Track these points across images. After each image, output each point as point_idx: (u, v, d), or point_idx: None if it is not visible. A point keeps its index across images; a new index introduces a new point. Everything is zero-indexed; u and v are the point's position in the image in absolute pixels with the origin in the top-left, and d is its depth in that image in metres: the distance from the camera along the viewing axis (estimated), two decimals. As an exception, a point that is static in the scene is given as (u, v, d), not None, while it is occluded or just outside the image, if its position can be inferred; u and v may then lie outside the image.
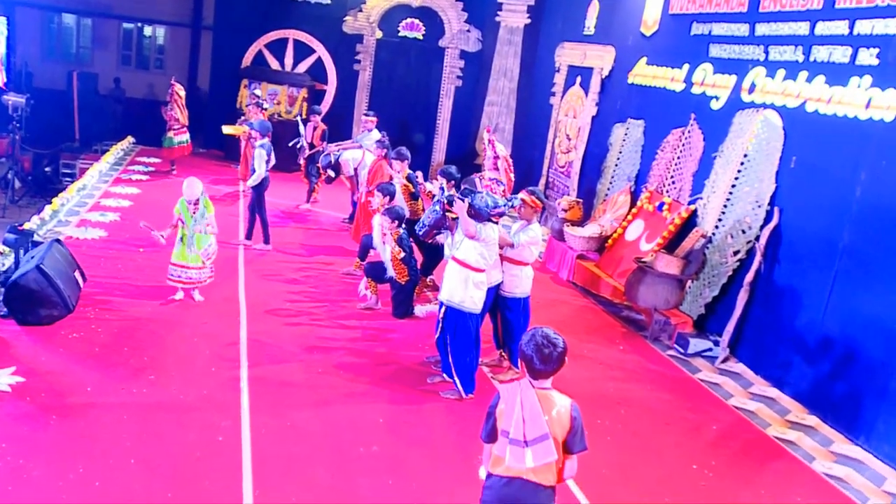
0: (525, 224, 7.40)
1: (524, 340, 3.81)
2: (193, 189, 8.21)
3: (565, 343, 3.81)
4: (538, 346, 3.73)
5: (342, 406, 6.55)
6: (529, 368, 3.80)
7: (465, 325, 6.75)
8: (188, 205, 8.18)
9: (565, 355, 3.79)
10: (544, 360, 3.73)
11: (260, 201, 10.68)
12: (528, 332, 3.87)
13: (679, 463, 6.39)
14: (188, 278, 8.31)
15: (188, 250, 8.22)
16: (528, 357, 3.76)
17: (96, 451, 5.39)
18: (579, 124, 13.92)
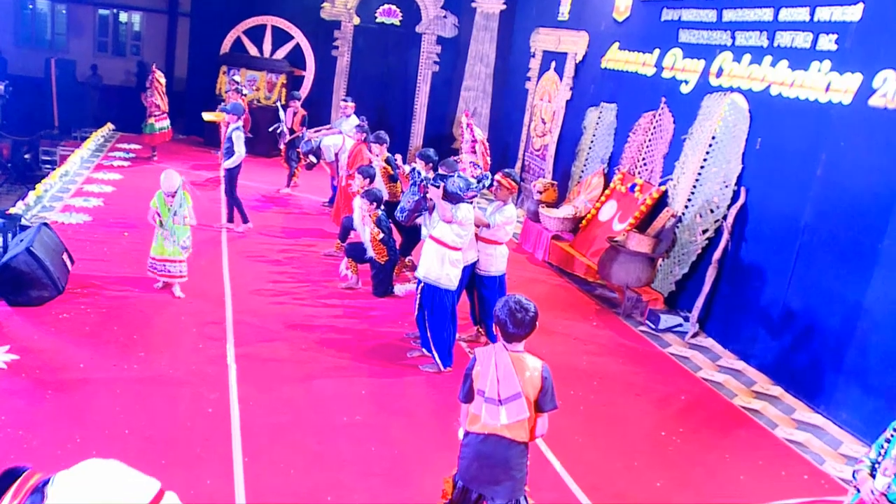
0: (500, 205, 7.68)
1: (498, 306, 4.10)
2: (171, 181, 8.04)
3: (536, 308, 4.10)
4: (511, 311, 4.01)
5: (326, 379, 6.82)
6: (503, 332, 4.08)
7: (441, 302, 7.04)
8: (165, 197, 8.02)
9: (536, 320, 4.07)
10: (517, 324, 4.01)
11: (233, 183, 10.92)
12: (502, 298, 4.15)
13: (648, 430, 6.72)
14: (168, 272, 8.18)
15: (167, 243, 8.10)
16: (501, 321, 4.05)
17: (92, 423, 5.63)
18: (554, 108, 14.20)
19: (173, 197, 8.02)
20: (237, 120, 10.92)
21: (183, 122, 17.23)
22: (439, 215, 6.96)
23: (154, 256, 8.16)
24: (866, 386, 7.07)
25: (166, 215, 8.01)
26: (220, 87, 16.69)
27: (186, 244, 8.18)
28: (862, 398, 7.09)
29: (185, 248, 8.17)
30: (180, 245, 8.11)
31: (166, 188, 7.99)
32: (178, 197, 8.03)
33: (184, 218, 8.08)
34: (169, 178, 8.04)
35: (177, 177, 8.09)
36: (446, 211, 6.85)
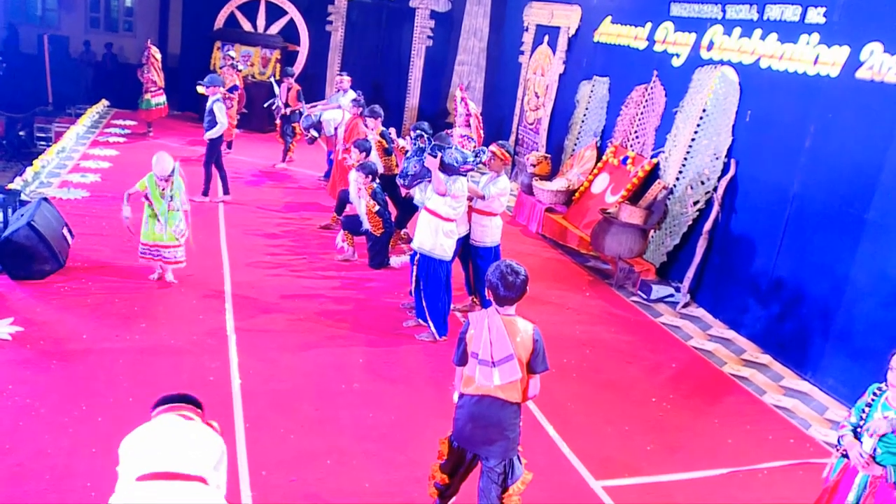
0: (494, 176, 7.80)
1: (490, 270, 4.24)
2: (164, 164, 7.53)
3: (527, 272, 4.23)
4: (503, 275, 4.15)
5: (324, 349, 6.97)
6: (495, 296, 4.22)
7: (436, 272, 7.18)
8: (158, 181, 7.54)
9: (527, 283, 4.21)
10: (508, 287, 4.15)
11: (216, 154, 11.13)
12: (493, 263, 4.29)
13: (639, 397, 6.89)
14: (162, 258, 7.79)
15: (159, 229, 7.67)
16: (493, 285, 4.19)
17: (96, 392, 5.77)
18: (547, 82, 14.28)
19: (167, 181, 7.57)
20: (216, 92, 11.06)
21: (178, 98, 17.22)
22: (434, 187, 7.08)
23: (145, 242, 7.75)
24: (852, 353, 7.25)
25: (159, 202, 7.61)
26: (215, 63, 16.69)
27: (181, 227, 7.77)
28: (848, 365, 7.26)
29: (180, 233, 7.79)
30: (174, 230, 7.73)
31: (159, 172, 7.52)
32: (173, 182, 7.62)
33: (181, 204, 7.72)
34: (161, 162, 7.56)
35: (170, 160, 7.62)
36: (441, 183, 6.97)
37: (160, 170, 7.52)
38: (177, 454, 3.22)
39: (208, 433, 3.44)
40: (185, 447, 3.28)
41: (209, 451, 3.33)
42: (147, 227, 7.72)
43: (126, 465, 3.23)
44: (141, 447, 3.26)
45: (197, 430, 3.42)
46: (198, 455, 3.27)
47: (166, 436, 3.32)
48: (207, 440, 3.39)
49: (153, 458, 3.19)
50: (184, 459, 3.22)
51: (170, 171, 7.54)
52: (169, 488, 3.12)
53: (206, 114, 11.00)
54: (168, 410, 3.50)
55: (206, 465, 3.27)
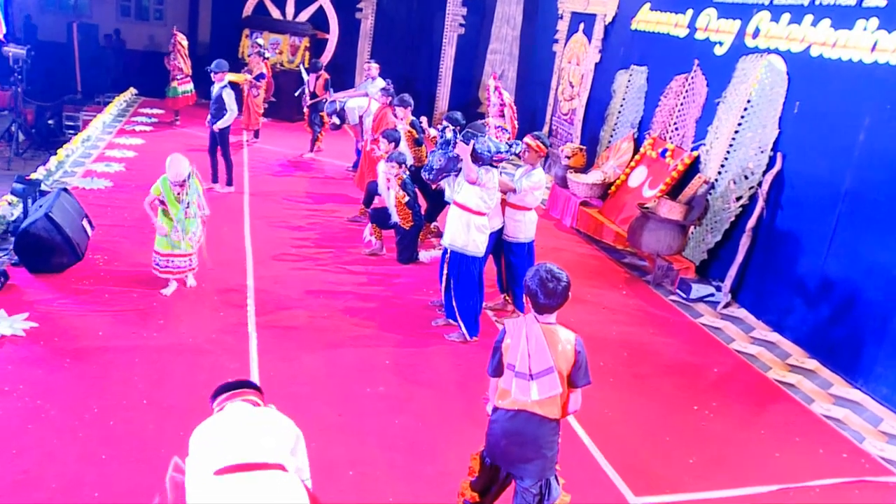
0: (529, 169, 7.42)
1: (528, 275, 3.88)
2: (179, 168, 6.91)
3: (569, 278, 3.88)
4: (542, 281, 3.80)
5: (348, 349, 6.66)
6: (534, 303, 3.87)
7: (468, 269, 6.84)
8: (173, 187, 6.95)
9: (569, 290, 3.86)
10: (549, 295, 3.80)
11: (225, 143, 10.80)
12: (532, 267, 3.93)
13: (680, 404, 6.51)
14: (176, 267, 7.19)
15: (176, 236, 7.07)
16: (532, 292, 3.83)
17: (109, 393, 5.51)
18: (582, 71, 13.86)
19: (182, 187, 6.96)
20: (223, 78, 10.63)
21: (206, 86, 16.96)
22: (464, 175, 6.73)
23: (159, 251, 7.13)
24: (908, 360, 6.82)
25: (176, 207, 6.99)
26: (243, 51, 16.48)
27: (198, 235, 7.22)
28: (904, 373, 6.84)
29: (197, 241, 7.25)
30: (189, 237, 7.13)
31: (173, 177, 6.89)
32: (189, 186, 7.02)
33: (198, 209, 7.15)
34: (175, 165, 6.93)
35: (185, 162, 7.01)
36: (472, 171, 6.61)
37: (174, 174, 6.90)
38: (253, 443, 3.18)
39: (280, 418, 3.40)
40: (260, 435, 3.24)
41: (284, 436, 3.32)
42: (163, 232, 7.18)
43: (199, 459, 3.16)
44: (215, 439, 3.21)
45: (269, 416, 3.39)
46: (274, 442, 3.24)
47: (239, 425, 3.28)
48: (280, 425, 3.36)
49: (230, 450, 3.13)
50: (261, 448, 3.17)
51: (185, 176, 6.94)
52: (249, 479, 3.07)
53: (214, 102, 10.60)
54: (232, 397, 3.48)
55: (283, 452, 3.24)
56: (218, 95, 10.46)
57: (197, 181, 7.12)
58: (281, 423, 3.37)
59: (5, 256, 7.59)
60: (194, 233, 7.16)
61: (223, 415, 3.38)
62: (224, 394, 3.52)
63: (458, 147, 6.71)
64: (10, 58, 14.32)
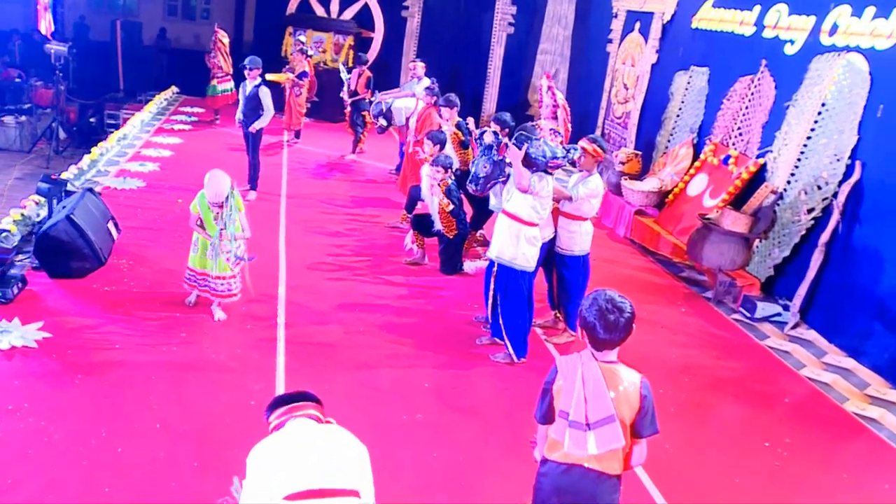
0: (585, 175, 6.81)
1: (585, 305, 3.29)
2: (219, 187, 6.12)
3: (633, 308, 3.29)
4: (602, 312, 3.21)
5: (384, 369, 6.12)
6: (591, 338, 3.28)
7: (517, 285, 6.25)
8: (211, 206, 6.20)
9: (633, 322, 3.27)
10: (609, 329, 3.21)
11: (258, 145, 10.19)
12: (589, 295, 3.34)
13: (749, 439, 5.84)
14: (211, 289, 6.46)
15: (210, 255, 6.34)
16: (590, 325, 3.25)
17: (121, 414, 5.04)
18: (638, 73, 13.18)
19: (221, 207, 6.21)
20: (256, 76, 9.89)
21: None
22: (515, 183, 6.14)
23: (192, 268, 6.49)
24: None
25: (213, 229, 6.25)
26: (286, 49, 16.13)
27: (240, 253, 6.43)
28: None
29: (236, 262, 6.44)
30: (227, 258, 6.36)
31: (212, 196, 6.15)
32: (228, 207, 6.24)
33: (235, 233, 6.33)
34: (215, 184, 6.15)
35: (226, 181, 6.19)
36: (524, 178, 6.02)
37: (213, 194, 6.14)
38: (325, 466, 2.85)
39: (349, 437, 3.05)
40: (332, 457, 2.90)
41: (356, 458, 2.97)
42: (196, 250, 6.44)
43: (265, 483, 2.81)
44: (283, 461, 2.86)
45: (338, 435, 3.04)
46: (346, 465, 2.91)
47: (309, 446, 2.92)
48: (351, 446, 3.01)
49: (301, 474, 2.80)
50: (334, 472, 2.85)
51: (224, 196, 6.16)
52: None
53: (247, 100, 9.87)
54: (293, 412, 3.10)
55: (356, 476, 2.90)
56: (252, 94, 9.80)
57: (239, 200, 6.36)
58: (351, 443, 3.00)
59: (27, 259, 7.20)
60: (232, 252, 6.35)
61: (286, 433, 2.97)
62: (282, 407, 3.11)
63: (510, 151, 6.12)
64: (52, 55, 14.12)
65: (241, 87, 9.99)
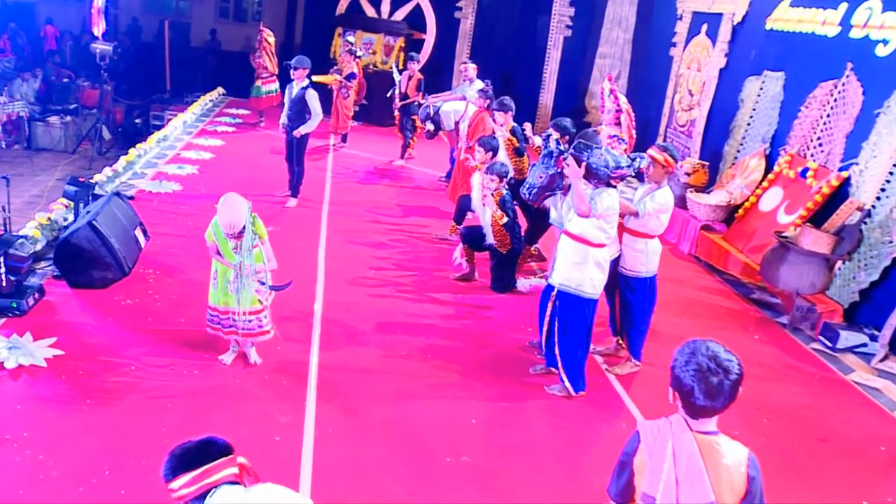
0: (654, 187, 6.09)
1: (680, 362, 2.62)
2: (232, 215, 5.00)
3: (741, 367, 2.62)
4: (702, 373, 2.54)
5: (427, 401, 5.48)
6: (687, 403, 2.61)
7: (580, 313, 5.55)
8: (227, 237, 5.18)
9: (740, 384, 2.59)
10: (711, 394, 2.54)
11: (303, 150, 9.60)
12: (685, 348, 2.66)
13: (844, 497, 5.07)
14: (238, 327, 5.42)
15: (232, 289, 5.31)
16: (686, 388, 2.57)
17: (128, 448, 4.48)
18: (704, 78, 12.38)
19: (238, 238, 5.16)
20: (303, 77, 9.27)
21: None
22: (574, 206, 5.45)
23: (214, 307, 5.47)
24: None
25: (231, 257, 5.23)
26: (335, 50, 15.68)
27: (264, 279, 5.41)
28: None
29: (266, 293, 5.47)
30: (254, 291, 5.36)
31: (226, 227, 5.06)
32: (246, 237, 5.14)
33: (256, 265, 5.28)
34: (229, 211, 5.02)
35: (241, 209, 5.06)
36: (583, 200, 5.33)
37: (225, 223, 5.04)
38: None
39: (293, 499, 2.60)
40: None
41: None
42: (216, 284, 5.41)
43: None
44: None
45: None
46: None
47: None
48: None
49: None
50: None
51: (240, 227, 5.06)
52: None
53: (293, 103, 9.28)
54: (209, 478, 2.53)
55: None
56: (299, 97, 9.22)
57: (260, 227, 5.26)
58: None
59: (50, 267, 6.73)
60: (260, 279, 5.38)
61: None
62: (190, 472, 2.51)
63: (569, 167, 5.44)
64: (96, 54, 13.83)
65: (287, 89, 9.43)
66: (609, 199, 5.41)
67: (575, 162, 5.36)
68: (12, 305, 5.83)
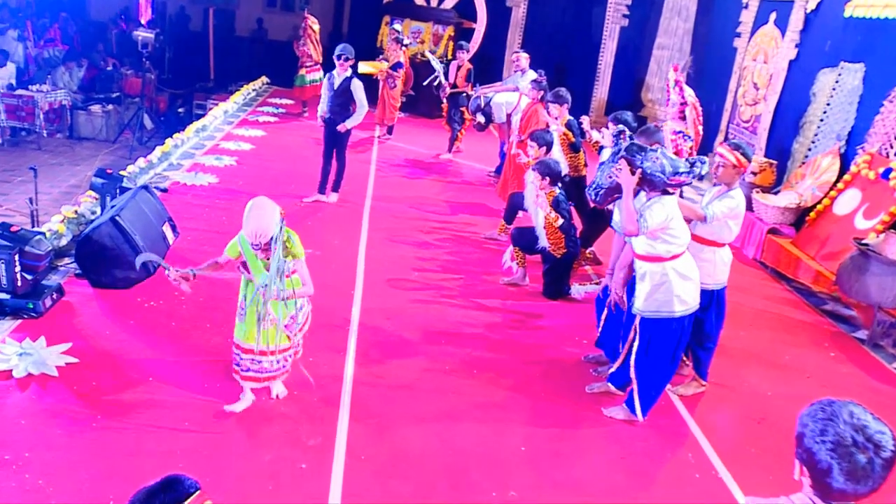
0: (723, 190, 5.44)
1: (812, 430, 2.04)
2: (261, 222, 4.19)
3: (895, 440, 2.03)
4: (845, 447, 1.96)
5: (472, 423, 4.94)
6: (820, 484, 2.03)
7: (666, 333, 4.94)
8: (254, 249, 4.36)
9: (894, 463, 2.01)
10: (856, 475, 1.97)
11: (345, 144, 9.04)
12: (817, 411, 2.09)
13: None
14: (261, 370, 4.63)
15: (259, 322, 4.46)
16: (821, 465, 2.00)
17: (138, 474, 3.97)
18: (771, 70, 11.62)
19: (266, 252, 4.34)
20: (348, 68, 8.71)
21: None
22: (621, 223, 4.84)
23: (240, 344, 4.59)
24: None
25: (261, 274, 4.40)
26: (382, 39, 15.21)
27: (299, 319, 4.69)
28: None
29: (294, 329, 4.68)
30: (285, 325, 4.56)
31: (251, 236, 4.23)
32: (276, 248, 4.31)
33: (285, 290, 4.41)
34: (258, 217, 4.21)
35: (270, 213, 4.25)
36: (631, 219, 4.71)
37: (251, 231, 4.21)
38: None
39: None
40: None
41: None
42: (242, 316, 4.57)
43: None
44: None
45: None
46: None
47: None
48: None
49: None
50: None
51: (269, 237, 4.25)
52: None
53: (336, 94, 8.74)
54: None
55: None
56: (344, 87, 8.68)
57: (295, 244, 4.41)
58: None
59: (73, 264, 6.32)
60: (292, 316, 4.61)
61: None
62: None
63: (622, 174, 4.82)
64: (139, 41, 13.53)
65: (328, 80, 8.88)
66: (661, 212, 4.74)
67: (628, 167, 4.76)
68: (28, 306, 5.43)
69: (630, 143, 4.90)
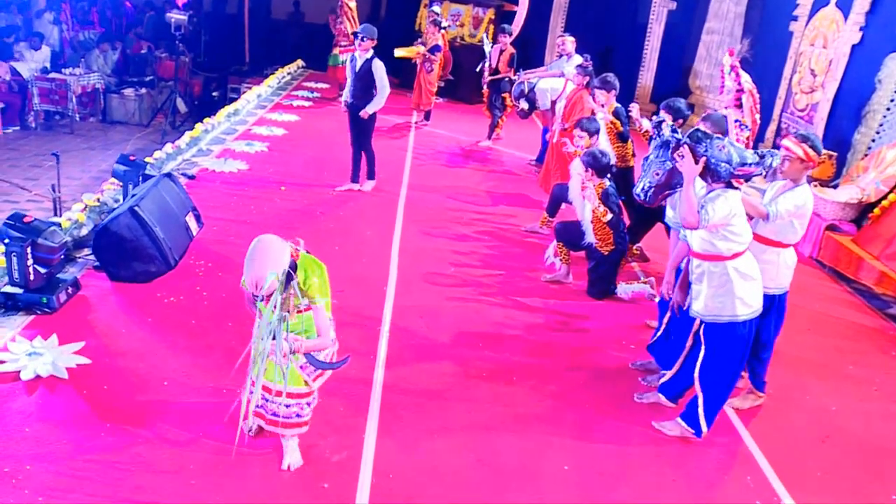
0: (789, 186, 4.95)
1: None
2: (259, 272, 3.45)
3: None
4: None
5: (511, 436, 4.53)
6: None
7: (732, 338, 4.52)
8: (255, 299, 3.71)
9: None
10: None
11: (371, 130, 8.58)
12: None
13: None
14: (271, 414, 3.92)
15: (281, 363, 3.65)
16: None
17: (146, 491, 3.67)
18: (831, 56, 11.00)
19: (265, 301, 3.60)
20: (369, 49, 8.20)
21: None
22: (681, 215, 4.40)
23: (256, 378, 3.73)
24: None
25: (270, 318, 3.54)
26: (420, 22, 14.77)
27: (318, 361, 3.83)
28: None
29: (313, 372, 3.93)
30: (300, 367, 3.84)
31: (252, 286, 3.53)
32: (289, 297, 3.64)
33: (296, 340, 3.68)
34: (257, 264, 3.48)
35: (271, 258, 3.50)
36: (692, 209, 4.26)
37: (249, 281, 3.52)
38: None
39: None
40: None
41: None
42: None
43: None
44: None
45: None
46: None
47: None
48: None
49: None
50: None
51: (264, 289, 3.48)
52: None
53: (357, 78, 8.23)
54: None
55: None
56: (365, 70, 8.18)
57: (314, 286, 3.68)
58: None
59: (91, 256, 6.01)
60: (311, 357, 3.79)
61: None
62: None
63: (683, 161, 4.36)
64: (171, 24, 13.26)
65: (350, 62, 8.45)
66: (726, 207, 4.29)
67: (691, 155, 4.30)
68: (42, 301, 5.13)
69: (694, 130, 4.45)
